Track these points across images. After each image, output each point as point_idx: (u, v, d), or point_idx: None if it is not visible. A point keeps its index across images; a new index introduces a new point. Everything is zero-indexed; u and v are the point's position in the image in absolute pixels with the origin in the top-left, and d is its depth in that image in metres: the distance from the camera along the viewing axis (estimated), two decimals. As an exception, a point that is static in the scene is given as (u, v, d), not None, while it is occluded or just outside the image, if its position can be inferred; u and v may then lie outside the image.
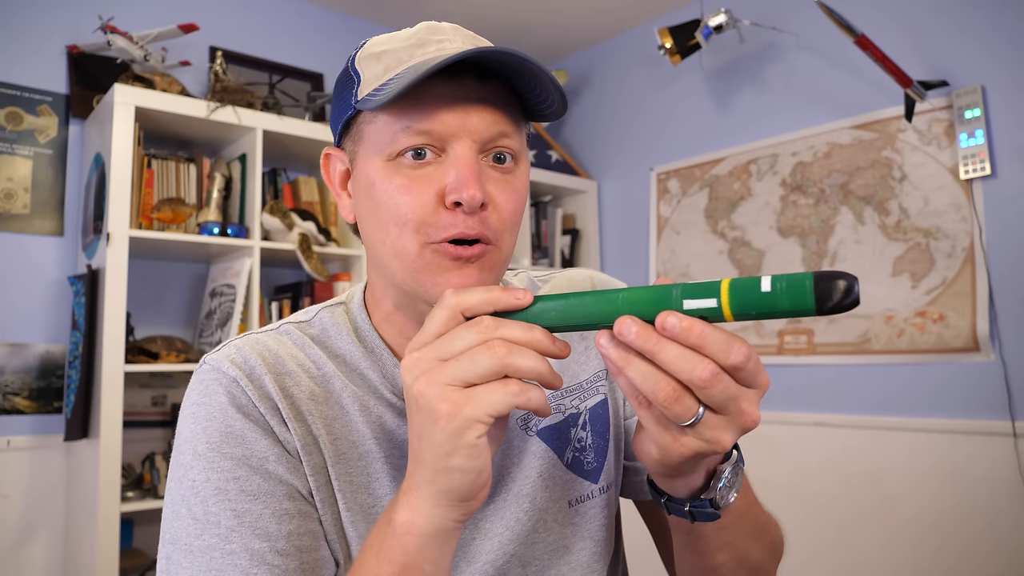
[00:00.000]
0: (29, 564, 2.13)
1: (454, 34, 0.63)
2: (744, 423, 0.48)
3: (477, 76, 0.60)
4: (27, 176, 2.22)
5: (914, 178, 2.26)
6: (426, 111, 0.59)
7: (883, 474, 2.23)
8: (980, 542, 2.03)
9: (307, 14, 2.85)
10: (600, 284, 0.82)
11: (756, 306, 0.44)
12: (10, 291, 2.17)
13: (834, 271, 0.42)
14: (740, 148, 2.72)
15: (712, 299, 0.45)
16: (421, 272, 0.61)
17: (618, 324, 0.47)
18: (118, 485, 1.92)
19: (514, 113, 0.63)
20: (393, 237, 0.61)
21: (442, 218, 0.59)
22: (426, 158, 0.60)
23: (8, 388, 2.15)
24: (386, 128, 0.61)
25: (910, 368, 2.22)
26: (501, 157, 0.62)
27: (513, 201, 0.62)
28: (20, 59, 2.24)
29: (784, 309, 0.43)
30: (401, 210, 0.60)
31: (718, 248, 2.75)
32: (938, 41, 2.23)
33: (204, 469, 0.60)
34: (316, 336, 0.70)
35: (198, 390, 0.64)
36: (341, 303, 0.73)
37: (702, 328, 0.45)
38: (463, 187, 0.58)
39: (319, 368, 0.67)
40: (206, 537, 0.58)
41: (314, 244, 2.36)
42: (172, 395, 2.35)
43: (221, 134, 2.33)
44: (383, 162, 0.61)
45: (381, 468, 0.65)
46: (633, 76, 3.11)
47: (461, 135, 0.59)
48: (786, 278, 0.43)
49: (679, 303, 0.46)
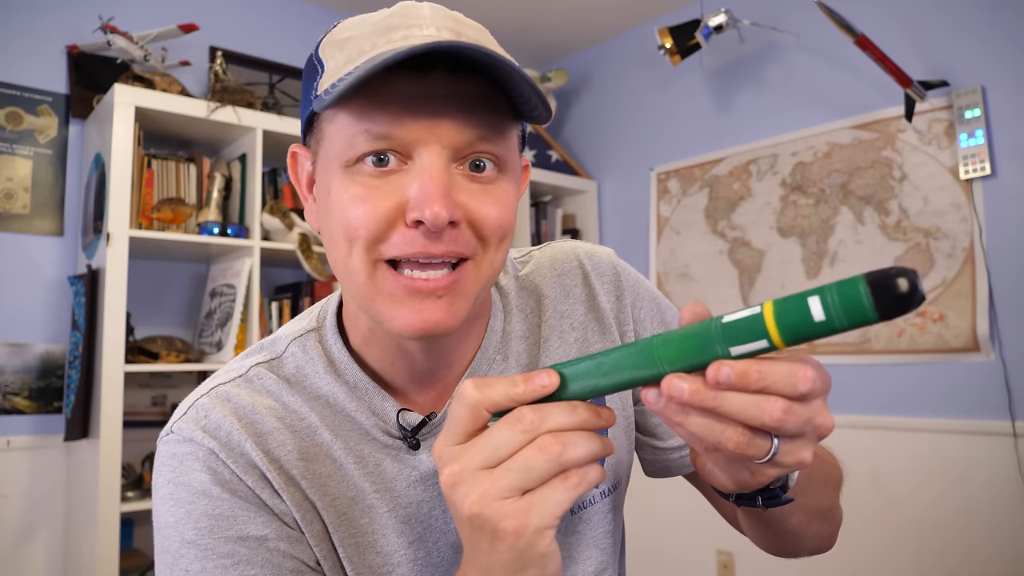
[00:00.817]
0: (29, 564, 2.13)
1: (432, 18, 0.54)
2: (821, 434, 0.43)
3: (450, 70, 0.51)
4: (27, 176, 2.22)
5: (914, 178, 2.26)
6: (388, 112, 0.51)
7: (883, 474, 2.23)
8: (980, 542, 2.03)
9: (307, 14, 2.85)
10: (591, 265, 0.73)
11: (811, 334, 0.38)
12: (10, 291, 2.17)
13: (888, 269, 0.36)
14: (740, 148, 2.72)
15: (762, 340, 0.39)
16: (375, 298, 0.54)
17: (666, 386, 0.41)
18: (118, 485, 1.92)
19: (495, 113, 0.54)
20: (343, 254, 0.54)
21: (398, 236, 0.52)
22: (389, 165, 0.52)
23: (8, 388, 2.15)
24: (345, 129, 0.53)
25: (910, 368, 2.22)
26: (479, 164, 0.54)
27: (498, 213, 0.54)
28: (20, 59, 2.23)
29: (843, 327, 0.38)
30: (352, 223, 0.52)
31: (718, 248, 2.75)
32: (938, 41, 2.23)
33: (198, 559, 0.53)
34: (291, 377, 0.62)
35: (171, 466, 0.56)
36: (313, 330, 0.64)
37: (759, 370, 0.39)
38: (426, 203, 0.50)
39: (301, 419, 0.60)
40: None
41: (314, 244, 2.36)
42: (172, 395, 2.35)
43: (221, 134, 2.33)
44: (340, 167, 0.53)
45: (387, 523, 0.59)
46: (633, 76, 3.11)
47: (428, 140, 0.51)
48: (835, 289, 0.37)
49: (725, 349, 0.40)
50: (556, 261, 0.73)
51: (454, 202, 0.51)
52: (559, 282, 0.72)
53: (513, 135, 0.57)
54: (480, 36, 0.56)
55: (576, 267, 0.72)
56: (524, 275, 0.72)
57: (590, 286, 0.72)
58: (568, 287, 0.72)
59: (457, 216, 0.52)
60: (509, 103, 0.54)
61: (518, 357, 0.67)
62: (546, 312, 0.70)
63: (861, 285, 0.36)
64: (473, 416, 0.44)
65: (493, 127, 0.54)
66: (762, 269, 2.61)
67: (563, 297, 0.71)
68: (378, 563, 0.59)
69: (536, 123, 0.57)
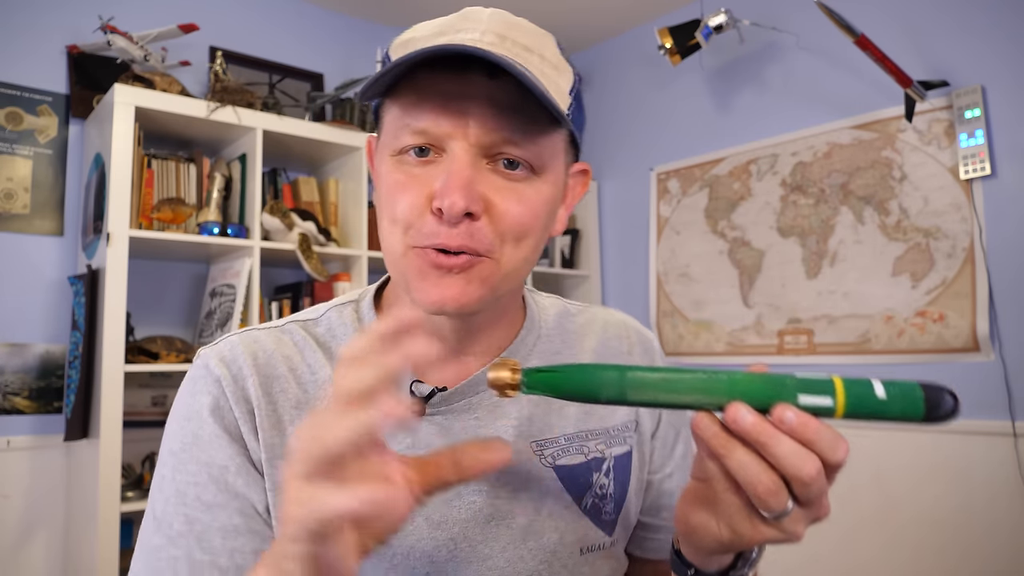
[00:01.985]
0: (29, 564, 2.13)
1: (486, 22, 0.57)
2: (819, 515, 0.48)
3: (488, 74, 0.55)
4: (27, 176, 2.22)
5: (914, 178, 2.26)
6: (425, 109, 0.55)
7: (883, 474, 2.23)
8: (980, 542, 2.03)
9: (307, 14, 2.85)
10: (639, 337, 0.78)
11: (868, 409, 0.46)
12: (10, 291, 2.17)
13: (941, 385, 0.46)
14: (740, 148, 2.72)
15: (827, 397, 0.46)
16: (407, 273, 0.58)
17: (732, 410, 0.45)
18: (118, 485, 1.92)
19: (527, 117, 0.56)
20: (387, 232, 0.59)
21: (427, 224, 0.56)
22: (429, 156, 0.57)
23: (8, 388, 2.15)
24: (395, 121, 0.58)
25: (910, 368, 2.22)
26: (512, 163, 0.57)
27: (519, 211, 0.57)
28: (20, 59, 2.24)
29: (895, 415, 0.46)
30: (395, 208, 0.57)
31: (718, 248, 2.75)
32: (938, 41, 2.23)
33: (172, 468, 0.59)
34: (321, 336, 0.66)
35: (187, 387, 0.63)
36: (352, 301, 0.70)
37: (817, 425, 0.45)
38: (446, 192, 0.54)
39: (314, 373, 0.64)
40: (157, 537, 0.58)
41: (314, 244, 2.36)
42: (172, 395, 2.34)
43: (221, 134, 2.33)
44: (390, 155, 0.59)
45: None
46: (633, 76, 3.11)
47: (457, 136, 0.55)
48: (898, 385, 0.46)
49: (794, 396, 0.46)
50: (608, 324, 0.77)
51: (474, 194, 0.54)
52: (603, 336, 0.76)
53: (551, 140, 0.59)
54: (530, 41, 0.59)
55: (622, 328, 0.77)
56: (572, 316, 0.76)
57: (632, 355, 0.76)
58: (610, 346, 0.75)
59: (476, 208, 0.55)
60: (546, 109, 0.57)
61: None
62: (572, 352, 0.73)
63: (918, 390, 0.45)
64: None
65: (523, 131, 0.56)
66: (762, 269, 2.61)
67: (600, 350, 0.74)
68: None
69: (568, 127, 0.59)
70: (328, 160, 2.63)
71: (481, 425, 0.65)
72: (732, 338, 2.67)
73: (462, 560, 0.62)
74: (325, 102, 2.58)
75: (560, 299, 0.78)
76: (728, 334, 2.69)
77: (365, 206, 2.48)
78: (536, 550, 0.64)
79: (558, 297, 0.78)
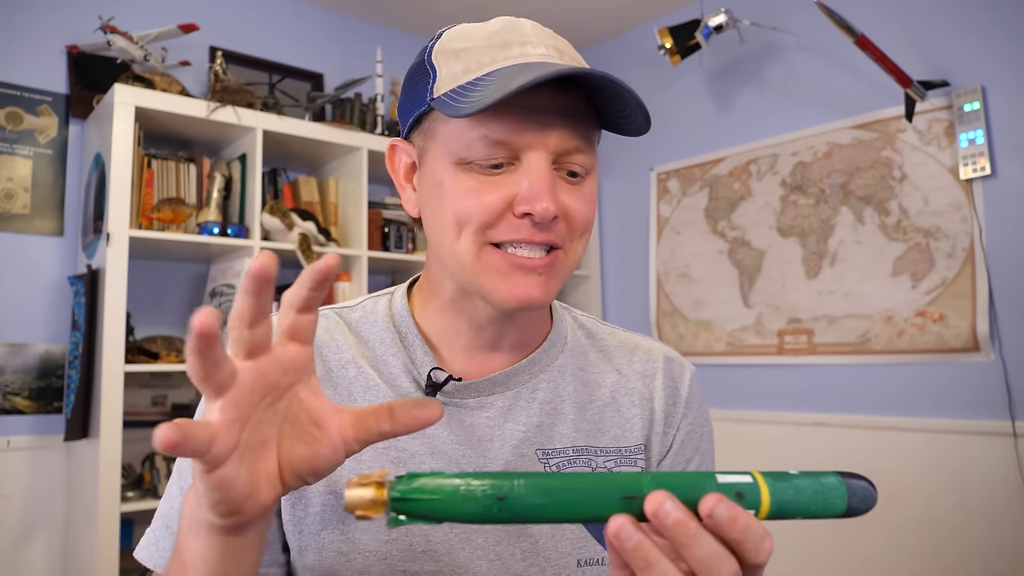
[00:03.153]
0: (29, 564, 2.13)
1: (536, 35, 0.62)
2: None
3: (558, 87, 0.59)
4: (27, 176, 2.22)
5: (914, 178, 2.26)
6: (506, 122, 0.58)
7: (883, 474, 2.23)
8: (980, 542, 2.03)
9: (307, 14, 2.85)
10: (666, 364, 0.76)
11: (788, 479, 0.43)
12: (10, 291, 2.17)
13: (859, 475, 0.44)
14: (740, 148, 2.72)
15: (747, 476, 0.42)
16: (481, 273, 0.61)
17: (654, 501, 0.40)
18: (118, 485, 1.91)
19: (590, 126, 0.62)
20: (452, 238, 0.61)
21: (508, 223, 0.60)
22: (503, 168, 0.60)
23: (8, 388, 2.15)
24: (462, 132, 0.60)
25: (910, 368, 2.22)
26: (573, 173, 0.62)
27: (585, 211, 0.62)
28: (20, 59, 2.24)
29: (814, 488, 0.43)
30: (467, 211, 0.60)
31: (718, 248, 2.75)
32: (938, 41, 2.23)
33: None
34: (354, 322, 0.71)
35: None
36: (387, 294, 0.74)
37: (747, 521, 0.40)
38: (536, 199, 0.58)
39: (339, 353, 0.68)
40: (174, 487, 0.64)
41: (314, 244, 2.36)
42: (172, 395, 2.35)
43: (221, 134, 2.33)
44: (453, 164, 0.61)
45: (375, 458, 0.64)
46: (633, 76, 3.11)
47: (537, 147, 0.59)
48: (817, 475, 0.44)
49: (713, 480, 0.42)
50: (639, 349, 0.77)
51: (558, 200, 0.59)
52: (629, 359, 0.76)
53: (597, 144, 0.65)
54: (575, 53, 0.64)
55: (651, 360, 0.76)
56: (602, 336, 0.77)
57: (655, 379, 0.75)
58: (634, 369, 0.75)
59: (560, 212, 0.60)
60: (597, 114, 0.62)
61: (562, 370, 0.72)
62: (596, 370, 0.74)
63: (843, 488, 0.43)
64: None
65: (587, 138, 0.62)
66: (762, 269, 2.61)
67: (625, 371, 0.74)
68: None
69: (632, 135, 0.64)
70: (328, 160, 2.63)
71: (490, 425, 0.67)
72: (732, 338, 2.67)
73: (454, 545, 0.63)
74: (325, 102, 2.58)
75: (596, 320, 0.80)
76: (728, 334, 2.69)
77: (365, 206, 2.48)
78: (530, 553, 0.64)
79: (596, 318, 0.80)
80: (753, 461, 2.52)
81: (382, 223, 2.60)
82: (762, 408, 2.57)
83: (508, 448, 0.66)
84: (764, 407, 2.56)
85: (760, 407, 2.57)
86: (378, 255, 2.51)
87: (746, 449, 2.57)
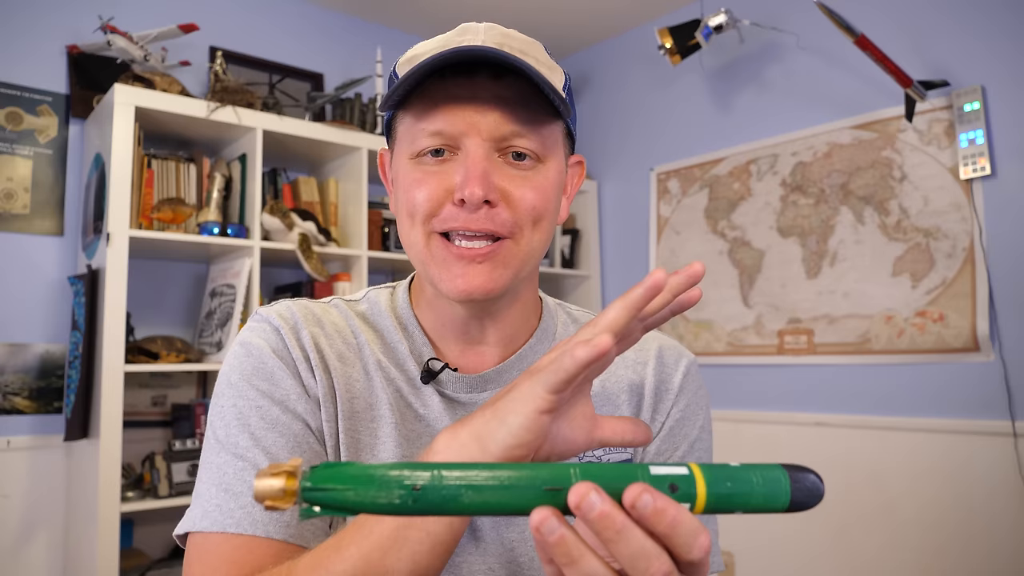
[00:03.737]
0: (29, 564, 2.13)
1: (485, 32, 0.64)
2: None
3: (493, 75, 0.61)
4: (27, 176, 2.22)
5: (914, 178, 2.26)
6: (439, 112, 0.61)
7: (883, 474, 2.23)
8: (980, 542, 2.03)
9: (307, 14, 2.85)
10: (659, 352, 0.75)
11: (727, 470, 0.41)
12: (10, 291, 2.17)
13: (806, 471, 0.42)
14: (740, 148, 2.72)
15: (683, 468, 0.40)
16: (430, 263, 0.64)
17: (577, 493, 0.37)
18: (118, 485, 1.91)
19: (533, 112, 0.63)
20: (407, 228, 0.65)
21: (447, 211, 0.62)
22: (444, 156, 0.63)
23: (8, 388, 2.15)
24: (410, 129, 0.64)
25: (910, 368, 2.22)
26: (520, 155, 0.63)
27: (532, 196, 0.63)
28: (20, 59, 2.24)
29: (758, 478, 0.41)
30: (413, 202, 0.63)
31: (718, 248, 2.75)
32: (938, 41, 2.23)
33: (232, 396, 0.64)
34: (363, 312, 0.74)
35: (244, 335, 0.68)
36: (390, 287, 0.77)
37: (676, 512, 0.37)
38: (466, 184, 0.60)
39: (356, 336, 0.71)
40: (224, 455, 0.62)
41: (314, 244, 2.36)
42: (172, 395, 2.35)
43: (221, 134, 2.33)
44: (407, 160, 0.64)
45: (389, 433, 0.67)
46: (633, 76, 3.11)
47: (471, 133, 0.61)
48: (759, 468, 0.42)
49: (645, 471, 0.39)
50: (663, 354, 0.76)
51: (491, 184, 0.61)
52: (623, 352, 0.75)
53: (553, 131, 0.66)
54: (524, 47, 0.65)
55: (644, 349, 0.76)
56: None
57: (646, 367, 0.75)
58: (625, 359, 0.75)
59: (493, 196, 0.61)
60: (549, 103, 0.63)
61: None
62: None
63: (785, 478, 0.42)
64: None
65: (529, 123, 0.62)
66: (762, 269, 2.61)
67: (616, 361, 0.73)
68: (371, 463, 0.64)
69: (565, 118, 0.66)
70: (328, 160, 2.63)
71: None
72: (732, 338, 2.67)
73: (462, 546, 0.65)
74: (325, 102, 2.58)
75: (591, 314, 0.79)
76: (728, 334, 2.69)
77: (365, 206, 2.48)
78: (516, 525, 0.67)
79: (592, 312, 0.80)
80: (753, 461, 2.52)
81: (382, 223, 2.61)
82: (762, 408, 2.57)
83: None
84: (764, 407, 2.56)
85: (760, 407, 2.57)
86: (378, 255, 2.51)
87: (746, 449, 2.57)
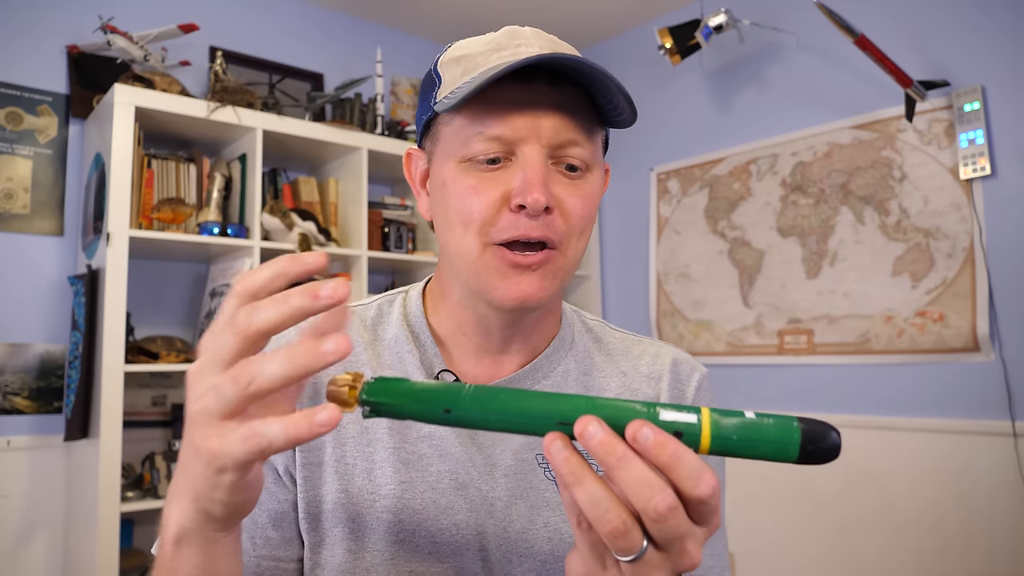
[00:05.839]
0: (29, 564, 2.13)
1: (534, 39, 0.64)
2: (683, 565, 0.41)
3: (550, 81, 0.61)
4: (27, 176, 2.22)
5: (914, 178, 2.26)
6: (498, 116, 0.60)
7: (883, 474, 2.23)
8: (980, 542, 2.03)
9: (307, 14, 2.85)
10: (673, 366, 0.75)
11: (737, 425, 0.41)
12: (10, 291, 2.17)
13: (822, 422, 0.41)
14: (740, 148, 2.72)
15: (692, 415, 0.40)
16: (483, 273, 0.62)
17: (581, 423, 0.40)
18: (118, 485, 1.91)
19: (586, 120, 0.63)
20: (458, 236, 0.63)
21: (505, 219, 0.61)
22: (500, 163, 0.62)
23: (8, 388, 2.15)
24: (461, 131, 0.62)
25: (910, 368, 2.22)
26: (572, 167, 0.63)
27: (582, 206, 0.63)
28: (20, 59, 2.23)
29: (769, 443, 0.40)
30: (468, 210, 0.62)
31: (718, 248, 2.75)
32: (938, 41, 2.23)
33: None
34: (369, 318, 0.72)
35: None
36: (401, 292, 0.76)
37: (677, 447, 0.39)
38: (528, 191, 0.59)
39: (357, 355, 0.69)
40: None
41: (314, 244, 2.36)
42: (172, 395, 2.35)
43: (221, 134, 2.33)
44: (456, 163, 0.63)
45: (386, 458, 0.65)
46: (633, 76, 3.11)
47: (530, 139, 0.60)
48: (772, 417, 0.41)
49: (654, 413, 0.41)
50: (646, 353, 0.76)
51: (550, 191, 0.60)
52: (636, 363, 0.75)
53: (599, 139, 0.66)
54: (573, 51, 0.65)
55: (657, 362, 0.75)
56: (609, 340, 0.77)
57: (661, 381, 0.74)
58: (639, 371, 0.74)
59: (552, 203, 0.61)
60: (596, 111, 0.64)
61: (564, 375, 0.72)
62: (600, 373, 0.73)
63: (795, 421, 0.40)
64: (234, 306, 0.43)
65: (584, 132, 0.63)
66: (762, 269, 2.61)
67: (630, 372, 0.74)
68: (368, 488, 0.65)
69: (621, 127, 0.66)
70: (328, 160, 2.63)
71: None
72: (732, 338, 2.67)
73: (460, 547, 0.65)
74: (325, 102, 2.57)
75: (605, 324, 0.80)
76: (728, 334, 2.69)
77: (365, 206, 2.48)
78: (525, 556, 0.65)
79: (605, 322, 0.81)
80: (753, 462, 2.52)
81: (382, 223, 2.61)
82: (762, 408, 2.57)
83: (509, 453, 0.67)
84: (764, 407, 2.56)
85: (760, 407, 2.57)
86: (378, 255, 2.51)
87: (746, 449, 2.56)
